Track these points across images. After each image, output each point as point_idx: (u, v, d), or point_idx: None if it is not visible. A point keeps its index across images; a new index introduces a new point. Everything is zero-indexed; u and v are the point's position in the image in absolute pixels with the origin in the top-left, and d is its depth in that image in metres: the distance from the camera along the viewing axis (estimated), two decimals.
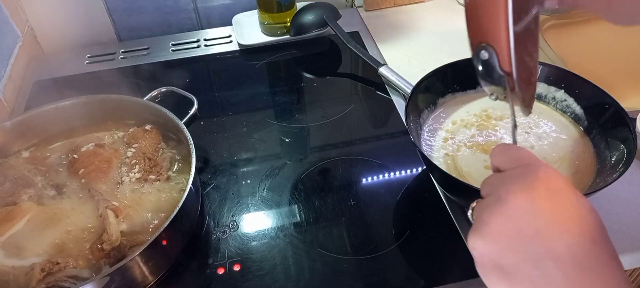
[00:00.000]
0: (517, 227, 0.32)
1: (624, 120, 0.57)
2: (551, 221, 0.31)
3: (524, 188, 0.32)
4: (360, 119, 0.78)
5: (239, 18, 0.96)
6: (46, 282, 0.49)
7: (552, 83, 0.65)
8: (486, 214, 0.34)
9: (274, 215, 0.62)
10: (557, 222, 0.31)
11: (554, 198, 0.32)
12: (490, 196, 0.35)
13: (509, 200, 0.32)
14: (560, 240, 0.30)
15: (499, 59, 0.36)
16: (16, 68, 0.85)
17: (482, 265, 0.34)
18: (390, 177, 0.67)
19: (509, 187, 0.33)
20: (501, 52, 0.36)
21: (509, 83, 0.37)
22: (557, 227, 0.31)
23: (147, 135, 0.64)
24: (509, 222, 0.32)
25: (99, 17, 0.94)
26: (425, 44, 0.92)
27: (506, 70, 0.36)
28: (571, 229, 0.31)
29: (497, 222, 0.33)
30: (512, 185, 0.33)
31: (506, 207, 0.32)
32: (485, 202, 0.35)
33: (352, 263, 0.56)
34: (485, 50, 0.37)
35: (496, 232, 0.33)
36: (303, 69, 0.89)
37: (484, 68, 0.38)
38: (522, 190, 0.32)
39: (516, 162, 0.35)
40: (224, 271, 0.56)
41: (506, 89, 0.38)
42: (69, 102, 0.66)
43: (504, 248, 0.32)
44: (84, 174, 0.60)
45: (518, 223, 0.32)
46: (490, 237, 0.33)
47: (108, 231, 0.53)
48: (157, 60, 0.90)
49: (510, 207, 0.32)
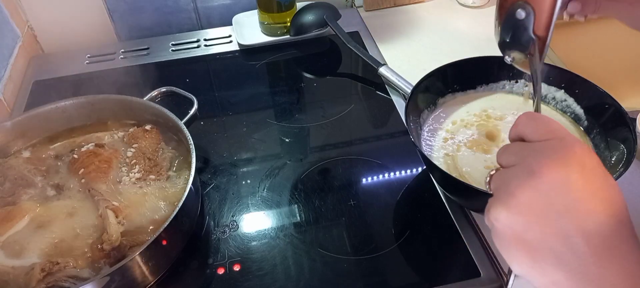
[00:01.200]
0: (549, 201, 0.31)
1: (624, 120, 0.57)
2: (583, 199, 0.31)
3: (560, 163, 0.31)
4: (360, 119, 0.78)
5: (239, 18, 0.96)
6: (46, 282, 0.49)
7: (552, 83, 0.65)
8: (514, 185, 0.32)
9: (274, 215, 0.62)
10: (589, 200, 0.31)
11: (588, 176, 0.31)
12: (518, 166, 0.33)
13: (543, 174, 0.31)
14: (590, 218, 0.30)
15: (536, 21, 0.35)
16: (16, 68, 0.85)
17: (503, 236, 0.33)
18: (390, 177, 0.67)
19: (542, 160, 0.32)
20: (541, 14, 0.34)
21: (538, 46, 0.36)
22: (589, 204, 0.31)
23: (147, 135, 0.64)
24: (540, 196, 0.31)
25: (99, 17, 0.94)
26: (425, 44, 0.92)
27: (540, 33, 0.35)
28: (601, 208, 0.31)
29: (527, 195, 0.32)
30: (547, 158, 0.32)
31: (539, 180, 0.31)
32: (513, 172, 0.33)
33: (352, 263, 0.56)
34: (523, 9, 0.35)
35: (525, 205, 0.32)
36: (303, 69, 0.89)
37: (515, 29, 0.35)
38: (558, 165, 0.31)
39: (550, 133, 0.34)
40: (224, 271, 0.56)
41: (527, 53, 0.37)
42: (69, 102, 0.66)
43: (531, 222, 0.32)
44: (84, 174, 0.60)
45: (550, 198, 0.31)
46: (517, 209, 0.32)
47: (108, 231, 0.53)
48: (157, 60, 0.90)
49: (543, 181, 0.31)
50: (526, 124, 0.35)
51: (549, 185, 0.31)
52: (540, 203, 0.31)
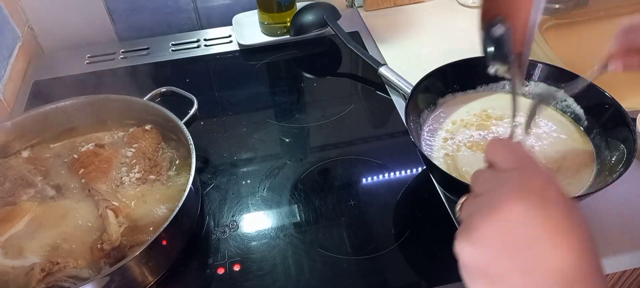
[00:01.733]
0: (509, 237, 0.31)
1: (624, 120, 0.57)
2: (543, 234, 0.31)
3: (520, 196, 0.31)
4: (360, 119, 0.78)
5: (239, 18, 0.96)
6: (46, 282, 0.49)
7: (552, 83, 0.65)
8: (477, 219, 0.32)
9: (274, 215, 0.62)
10: (550, 234, 0.31)
11: (548, 208, 0.31)
12: (483, 197, 0.33)
13: (503, 208, 0.31)
14: (550, 254, 0.30)
15: (514, 36, 0.35)
16: (16, 68, 0.85)
17: (468, 269, 0.33)
18: (390, 177, 0.67)
19: (504, 193, 0.32)
20: (517, 30, 0.35)
21: (518, 59, 0.36)
22: (549, 239, 0.30)
23: (147, 135, 0.64)
24: (501, 230, 0.31)
25: (99, 17, 0.94)
26: (425, 44, 0.92)
27: (518, 48, 0.35)
28: (562, 242, 0.30)
29: (489, 230, 0.32)
30: (509, 191, 0.32)
31: (500, 215, 0.31)
32: (478, 205, 0.33)
33: (352, 263, 0.56)
34: (502, 25, 0.35)
35: (488, 239, 0.32)
36: (303, 69, 0.89)
37: (495, 43, 0.37)
38: (517, 198, 0.31)
39: (516, 162, 0.34)
40: (224, 271, 0.56)
41: (510, 65, 0.38)
42: (69, 102, 0.66)
43: (493, 257, 0.31)
44: (84, 174, 0.60)
45: (510, 234, 0.31)
46: (479, 243, 0.32)
47: (108, 231, 0.53)
48: (157, 60, 0.90)
49: (504, 216, 0.31)
50: (494, 153, 0.36)
51: (509, 220, 0.31)
52: (501, 238, 0.31)
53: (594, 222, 0.58)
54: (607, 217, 0.58)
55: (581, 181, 0.57)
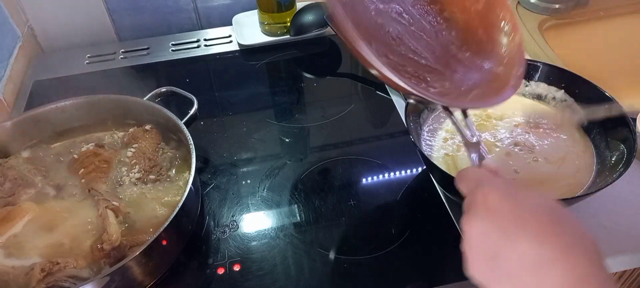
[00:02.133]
0: (478, 253, 0.35)
1: (624, 120, 0.57)
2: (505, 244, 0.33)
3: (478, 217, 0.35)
4: (360, 119, 0.78)
5: (239, 18, 0.96)
6: (46, 282, 0.49)
7: (552, 83, 0.65)
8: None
9: (274, 215, 0.62)
10: (514, 239, 0.33)
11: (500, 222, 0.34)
12: None
13: (465, 232, 0.35)
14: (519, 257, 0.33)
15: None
16: (16, 68, 0.85)
17: None
18: (390, 177, 0.67)
19: (465, 218, 0.36)
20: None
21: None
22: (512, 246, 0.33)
23: (147, 135, 0.64)
24: (471, 249, 0.35)
25: (99, 17, 0.94)
26: None
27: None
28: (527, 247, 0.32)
29: (467, 248, 0.36)
30: (466, 215, 0.36)
31: (467, 237, 0.35)
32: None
33: (352, 263, 0.56)
34: None
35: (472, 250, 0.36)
36: (303, 69, 0.89)
37: None
38: (475, 219, 0.35)
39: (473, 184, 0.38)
40: (224, 271, 0.56)
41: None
42: (69, 102, 0.66)
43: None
44: (84, 174, 0.60)
45: (478, 251, 0.35)
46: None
47: (108, 231, 0.52)
48: (157, 60, 0.90)
49: (468, 238, 0.35)
50: (460, 185, 0.40)
51: (472, 240, 0.35)
52: (473, 256, 0.35)
53: (594, 222, 0.58)
54: (607, 217, 0.58)
55: (581, 181, 0.57)
